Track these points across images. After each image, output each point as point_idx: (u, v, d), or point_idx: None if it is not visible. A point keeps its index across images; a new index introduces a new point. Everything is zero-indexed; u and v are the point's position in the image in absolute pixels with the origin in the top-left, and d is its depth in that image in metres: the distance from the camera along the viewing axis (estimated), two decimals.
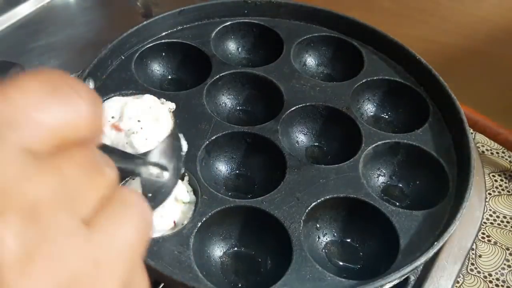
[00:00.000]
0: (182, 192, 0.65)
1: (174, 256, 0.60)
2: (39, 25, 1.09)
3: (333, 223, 0.69)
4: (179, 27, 0.87)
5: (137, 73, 0.80)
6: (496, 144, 1.61)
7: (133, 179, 0.66)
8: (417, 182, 0.74)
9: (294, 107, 0.77)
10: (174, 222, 0.63)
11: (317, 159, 0.77)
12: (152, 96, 0.76)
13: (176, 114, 0.75)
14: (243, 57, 0.91)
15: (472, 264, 1.50)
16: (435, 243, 0.61)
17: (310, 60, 0.90)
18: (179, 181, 0.37)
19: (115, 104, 0.74)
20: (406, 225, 0.65)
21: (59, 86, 0.22)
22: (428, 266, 0.73)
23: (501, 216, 1.60)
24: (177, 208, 0.63)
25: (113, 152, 0.30)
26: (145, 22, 0.83)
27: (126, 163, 0.32)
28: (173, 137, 0.37)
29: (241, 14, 0.90)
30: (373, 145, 0.73)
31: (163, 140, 0.36)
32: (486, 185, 1.50)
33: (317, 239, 0.68)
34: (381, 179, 0.75)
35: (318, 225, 0.68)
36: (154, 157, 0.34)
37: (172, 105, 0.76)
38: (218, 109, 0.81)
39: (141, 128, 0.71)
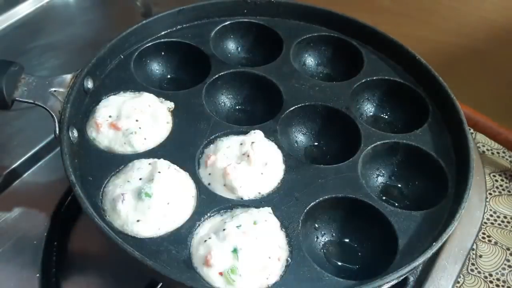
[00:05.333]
0: None
1: (172, 256, 0.60)
2: (39, 25, 1.09)
3: (332, 223, 0.69)
4: (179, 27, 0.87)
5: (136, 73, 0.80)
6: (496, 144, 1.60)
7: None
8: (416, 183, 0.74)
9: (293, 107, 0.77)
10: None
11: (316, 159, 0.77)
12: (151, 95, 0.76)
13: (175, 113, 0.75)
14: (242, 56, 0.91)
15: (473, 264, 1.50)
16: (434, 243, 0.61)
17: (310, 60, 0.90)
18: None
19: (113, 103, 0.74)
20: (405, 225, 0.65)
21: None
22: (429, 266, 0.73)
23: (501, 216, 1.60)
24: None
25: None
26: (144, 21, 0.83)
27: None
28: None
29: (241, 13, 0.90)
30: (372, 145, 0.73)
31: None
32: (487, 185, 1.50)
33: (316, 239, 0.68)
34: (380, 179, 0.75)
35: (316, 225, 0.68)
36: None
37: (171, 105, 0.76)
38: (217, 108, 0.81)
39: (140, 127, 0.71)
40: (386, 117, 0.84)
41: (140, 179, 0.65)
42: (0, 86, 0.68)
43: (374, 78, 0.83)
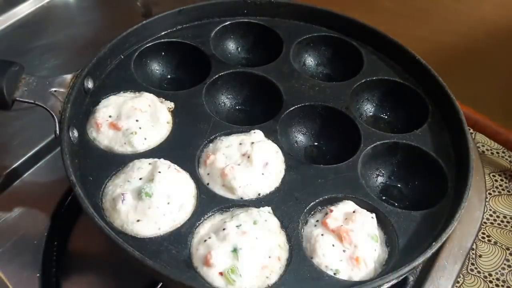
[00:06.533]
0: None
1: (172, 256, 0.60)
2: (39, 25, 1.10)
3: None
4: (179, 27, 0.87)
5: (136, 73, 0.80)
6: (496, 144, 1.61)
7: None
8: (416, 183, 0.74)
9: (293, 107, 0.77)
10: None
11: (316, 159, 0.77)
12: (151, 95, 0.76)
13: (175, 113, 0.75)
14: (242, 56, 0.91)
15: (472, 264, 1.50)
16: (434, 243, 0.61)
17: (310, 60, 0.90)
18: None
19: (113, 103, 0.74)
20: (405, 225, 0.65)
21: None
22: (428, 266, 0.73)
23: (501, 216, 1.60)
24: None
25: None
26: (144, 22, 0.83)
27: None
28: None
29: (241, 13, 0.90)
30: (372, 145, 0.73)
31: None
32: (486, 185, 1.50)
33: None
34: (380, 179, 0.75)
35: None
36: None
37: (171, 105, 0.76)
38: (217, 108, 0.81)
39: (140, 127, 0.71)
40: (386, 117, 0.84)
41: (140, 179, 0.65)
42: (0, 86, 0.68)
43: (374, 78, 0.83)
